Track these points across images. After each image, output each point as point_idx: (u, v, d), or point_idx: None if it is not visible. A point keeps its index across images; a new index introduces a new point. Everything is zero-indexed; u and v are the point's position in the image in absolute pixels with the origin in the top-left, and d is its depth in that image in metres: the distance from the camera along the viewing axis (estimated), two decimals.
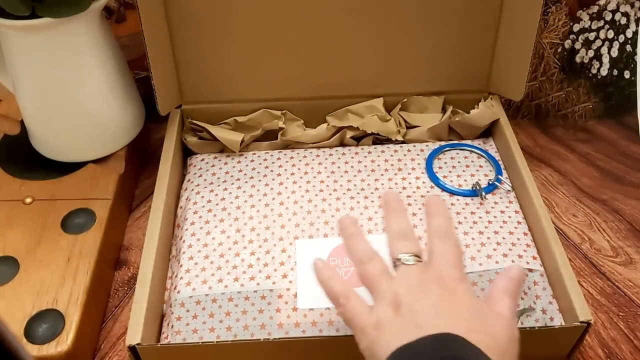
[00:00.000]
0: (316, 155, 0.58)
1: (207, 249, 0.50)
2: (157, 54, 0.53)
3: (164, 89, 0.56)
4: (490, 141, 0.60)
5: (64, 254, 0.50)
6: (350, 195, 0.54)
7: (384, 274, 0.38)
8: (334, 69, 0.58)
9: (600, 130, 0.69)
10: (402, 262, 0.37)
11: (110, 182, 0.56)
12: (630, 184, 0.63)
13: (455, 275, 0.36)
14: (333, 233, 0.51)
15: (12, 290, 0.47)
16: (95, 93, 0.54)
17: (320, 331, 0.45)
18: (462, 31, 0.56)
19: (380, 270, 0.38)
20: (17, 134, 0.59)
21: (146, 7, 0.50)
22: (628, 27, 0.65)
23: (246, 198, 0.54)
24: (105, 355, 0.49)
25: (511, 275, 0.37)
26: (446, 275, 0.36)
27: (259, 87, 0.59)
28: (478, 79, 0.60)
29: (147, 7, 0.50)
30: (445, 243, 0.38)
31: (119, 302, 0.53)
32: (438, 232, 0.39)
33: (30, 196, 0.54)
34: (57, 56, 0.51)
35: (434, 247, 0.38)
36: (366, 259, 0.39)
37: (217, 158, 0.59)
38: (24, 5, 0.46)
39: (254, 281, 0.48)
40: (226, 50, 0.56)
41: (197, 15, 0.54)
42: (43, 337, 0.45)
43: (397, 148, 0.59)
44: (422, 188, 0.55)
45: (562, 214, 0.60)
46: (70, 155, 0.57)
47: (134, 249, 0.57)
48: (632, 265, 0.55)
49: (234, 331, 0.45)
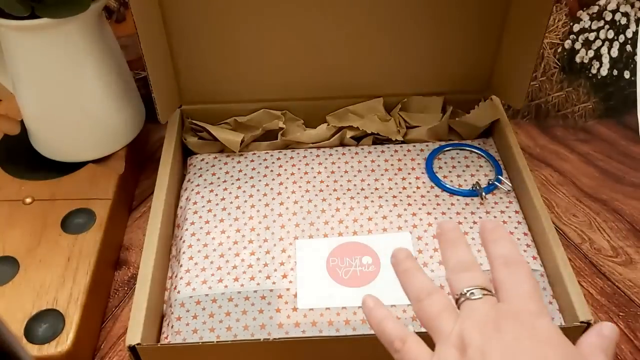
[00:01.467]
0: (316, 155, 0.58)
1: (207, 249, 0.50)
2: (154, 58, 0.52)
3: (163, 96, 0.56)
4: (490, 141, 0.60)
5: (64, 254, 0.50)
6: (350, 195, 0.54)
7: (447, 310, 0.32)
8: (334, 69, 0.58)
9: (600, 130, 0.69)
10: (466, 297, 0.32)
11: (110, 182, 0.56)
12: (630, 184, 0.63)
13: (532, 308, 0.30)
14: (333, 233, 0.51)
15: (12, 290, 0.47)
16: (95, 93, 0.54)
17: (320, 331, 0.45)
18: (464, 34, 0.56)
19: (442, 307, 0.32)
20: (17, 134, 0.59)
21: (140, 10, 0.49)
22: (628, 27, 0.65)
23: (246, 198, 0.54)
24: (105, 355, 0.49)
25: (604, 333, 0.31)
26: (521, 309, 0.31)
27: (259, 87, 0.59)
28: (479, 82, 0.60)
29: (141, 10, 0.49)
30: (514, 271, 0.32)
31: (119, 302, 0.53)
32: (504, 260, 0.33)
33: (30, 196, 0.54)
34: (57, 56, 0.51)
35: (500, 277, 0.33)
36: (424, 294, 0.33)
37: (217, 158, 0.59)
38: (23, 6, 0.46)
39: (254, 281, 0.48)
40: (226, 51, 0.56)
41: (196, 15, 0.53)
42: (43, 337, 0.45)
43: (397, 148, 0.59)
44: (422, 188, 0.55)
45: (562, 214, 0.60)
46: (70, 155, 0.57)
47: (134, 249, 0.57)
48: (632, 265, 0.55)
49: (234, 331, 0.45)
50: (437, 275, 0.48)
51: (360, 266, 0.49)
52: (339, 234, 0.51)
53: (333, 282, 0.48)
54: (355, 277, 0.48)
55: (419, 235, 0.50)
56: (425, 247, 0.50)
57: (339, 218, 0.52)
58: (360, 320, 0.45)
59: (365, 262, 0.49)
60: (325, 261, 0.49)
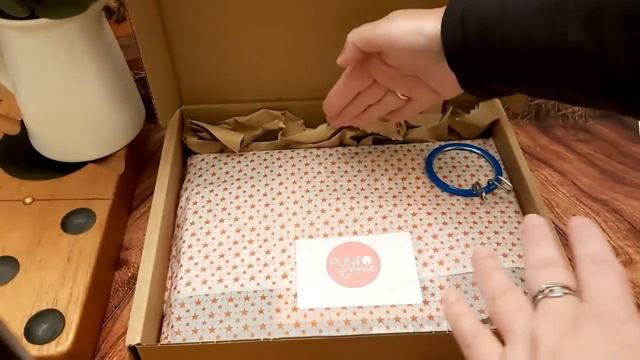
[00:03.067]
0: (316, 155, 0.58)
1: (207, 249, 0.50)
2: (153, 61, 0.52)
3: (163, 100, 0.56)
4: (490, 141, 0.60)
5: (64, 254, 0.50)
6: (350, 195, 0.54)
7: (521, 309, 0.30)
8: (334, 69, 0.58)
9: (600, 130, 0.69)
10: (545, 295, 0.29)
11: (110, 182, 0.56)
12: (630, 184, 0.63)
13: (619, 311, 0.27)
14: (333, 233, 0.51)
15: (12, 290, 0.47)
16: (95, 93, 0.54)
17: (320, 331, 0.45)
18: None
19: (517, 305, 0.30)
20: (17, 134, 0.59)
21: (138, 11, 0.49)
22: None
23: (246, 198, 0.54)
24: (105, 355, 0.49)
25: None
26: (607, 312, 0.27)
27: (259, 87, 0.59)
28: None
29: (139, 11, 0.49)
30: (601, 270, 0.29)
31: (119, 302, 0.53)
32: (593, 259, 0.30)
33: (30, 196, 0.54)
34: (57, 56, 0.51)
35: (586, 276, 0.29)
36: (499, 292, 0.31)
37: (217, 158, 0.59)
38: (23, 7, 0.46)
39: (254, 281, 0.48)
40: (226, 51, 0.56)
41: (196, 15, 0.53)
42: (43, 337, 0.45)
43: (397, 148, 0.59)
44: (422, 188, 0.55)
45: (562, 214, 0.60)
46: (70, 155, 0.57)
47: (134, 249, 0.57)
48: (632, 265, 0.55)
49: (234, 331, 0.45)
50: (438, 275, 0.48)
51: (360, 266, 0.49)
52: (339, 234, 0.51)
53: (333, 282, 0.48)
54: (355, 277, 0.48)
55: (419, 235, 0.50)
56: (425, 247, 0.50)
57: (339, 218, 0.52)
58: (360, 320, 0.45)
59: (365, 262, 0.49)
60: (325, 261, 0.49)
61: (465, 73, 0.40)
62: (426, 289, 0.47)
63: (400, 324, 0.45)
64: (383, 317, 0.45)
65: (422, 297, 0.46)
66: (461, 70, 0.40)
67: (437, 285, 0.47)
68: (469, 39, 0.38)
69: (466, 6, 0.38)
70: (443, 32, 0.39)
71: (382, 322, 0.45)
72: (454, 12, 0.39)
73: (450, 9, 0.39)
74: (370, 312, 0.46)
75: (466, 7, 0.38)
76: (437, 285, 0.47)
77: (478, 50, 0.38)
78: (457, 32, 0.38)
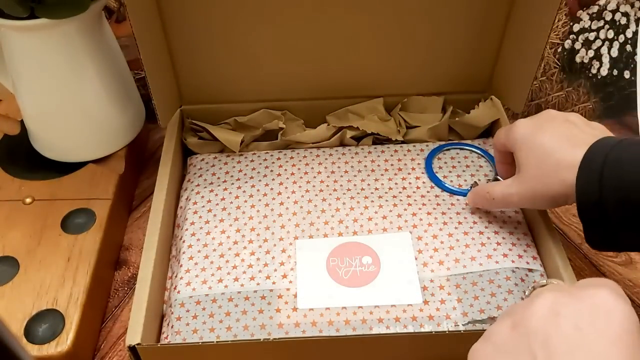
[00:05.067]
0: (316, 155, 0.58)
1: (207, 249, 0.50)
2: (153, 61, 0.52)
3: (163, 100, 0.56)
4: (490, 141, 0.60)
5: (64, 254, 0.50)
6: (350, 195, 0.54)
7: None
8: (334, 69, 0.58)
9: None
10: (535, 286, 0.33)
11: (110, 182, 0.56)
12: None
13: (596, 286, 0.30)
14: (333, 233, 0.51)
15: (12, 290, 0.47)
16: (95, 93, 0.54)
17: (320, 331, 0.45)
18: (464, 34, 0.56)
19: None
20: (17, 134, 0.59)
21: (137, 11, 0.49)
22: (628, 27, 0.65)
23: (246, 198, 0.54)
24: (105, 355, 0.49)
25: None
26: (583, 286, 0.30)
27: (259, 87, 0.59)
28: (479, 83, 0.60)
29: (138, 11, 0.49)
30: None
31: (119, 302, 0.53)
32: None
33: (30, 196, 0.54)
34: (57, 56, 0.51)
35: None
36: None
37: (217, 158, 0.59)
38: (22, 7, 0.46)
39: (254, 281, 0.48)
40: (226, 51, 0.56)
41: (195, 15, 0.53)
42: (43, 337, 0.45)
43: (397, 148, 0.59)
44: (422, 188, 0.55)
45: (562, 214, 0.60)
46: (70, 155, 0.57)
47: (134, 249, 0.57)
48: (632, 265, 0.55)
49: (234, 331, 0.45)
50: (438, 275, 0.48)
51: (360, 266, 0.49)
52: (339, 234, 0.51)
53: (333, 282, 0.48)
54: (355, 277, 0.48)
55: (419, 235, 0.50)
56: (425, 247, 0.50)
57: (339, 218, 0.52)
58: (360, 320, 0.45)
59: (365, 262, 0.49)
60: (325, 261, 0.49)
61: (596, 224, 0.39)
62: (426, 289, 0.47)
63: (400, 324, 0.45)
64: (383, 317, 0.45)
65: (422, 297, 0.46)
66: (592, 222, 0.39)
67: (437, 285, 0.47)
68: (605, 192, 0.37)
69: (606, 159, 0.38)
70: (578, 182, 0.39)
71: (382, 322, 0.45)
72: (592, 164, 0.38)
73: (588, 159, 0.39)
74: (370, 312, 0.46)
75: (606, 161, 0.38)
76: (437, 285, 0.47)
77: (614, 205, 0.37)
78: (593, 186, 0.38)
